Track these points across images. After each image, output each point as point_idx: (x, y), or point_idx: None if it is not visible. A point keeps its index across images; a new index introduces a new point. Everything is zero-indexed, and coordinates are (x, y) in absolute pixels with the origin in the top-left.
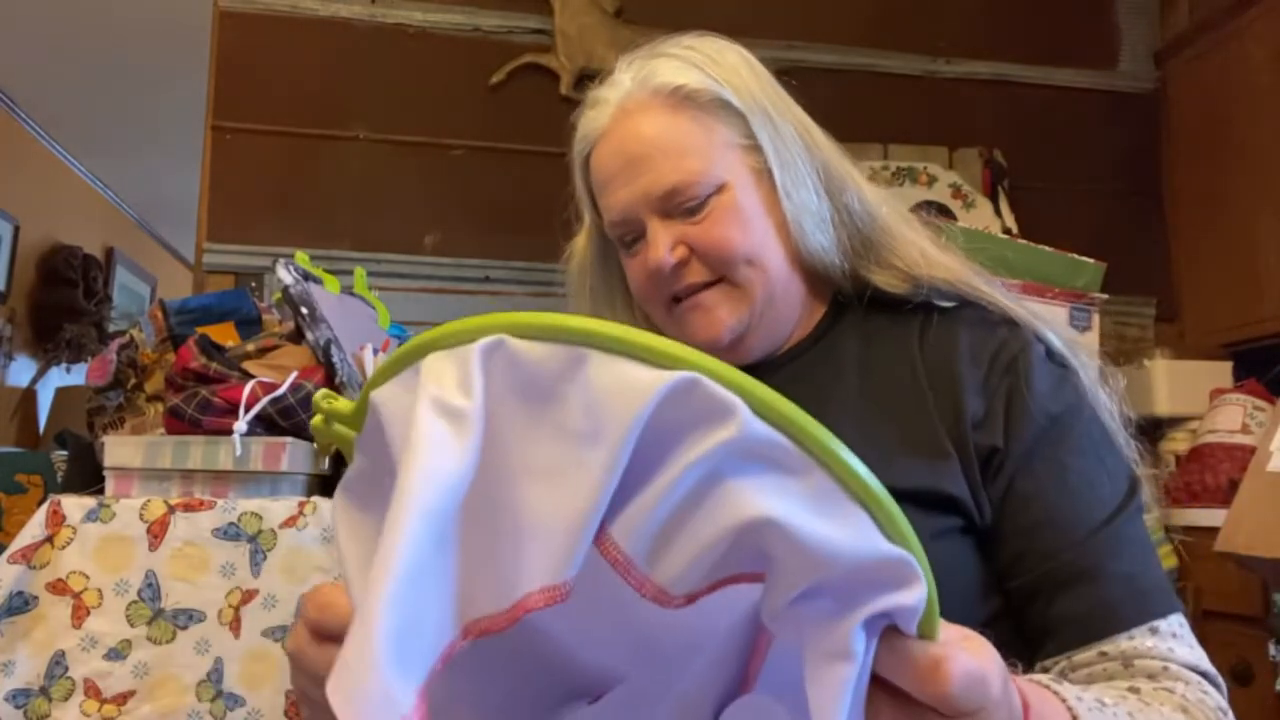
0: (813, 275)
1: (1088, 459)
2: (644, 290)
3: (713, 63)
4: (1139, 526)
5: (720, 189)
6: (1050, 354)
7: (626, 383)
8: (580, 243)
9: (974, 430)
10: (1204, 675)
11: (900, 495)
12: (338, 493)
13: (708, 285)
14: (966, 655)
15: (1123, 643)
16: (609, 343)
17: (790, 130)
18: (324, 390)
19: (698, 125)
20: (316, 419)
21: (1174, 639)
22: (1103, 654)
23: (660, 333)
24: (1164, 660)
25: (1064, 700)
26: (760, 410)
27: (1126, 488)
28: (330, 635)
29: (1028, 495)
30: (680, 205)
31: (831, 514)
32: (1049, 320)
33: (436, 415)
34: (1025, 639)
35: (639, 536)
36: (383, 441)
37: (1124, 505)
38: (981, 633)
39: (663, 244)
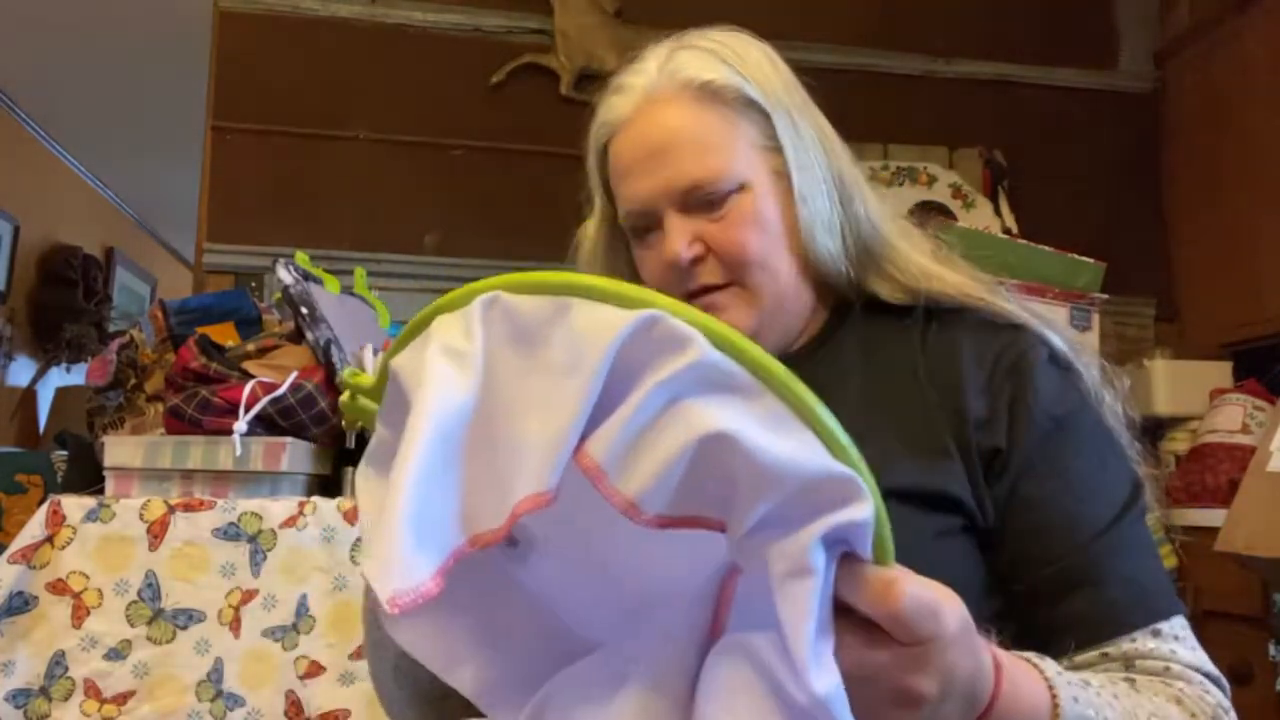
0: (818, 280)
1: (1091, 462)
2: (657, 283)
3: (740, 60)
4: (1142, 529)
5: (741, 188)
6: (1054, 357)
7: (600, 321)
8: (590, 229)
9: (977, 431)
10: (1206, 676)
11: (902, 495)
12: (362, 463)
13: (720, 288)
14: (920, 585)
15: (1125, 644)
16: (588, 291)
17: (810, 135)
18: (350, 368)
19: (724, 122)
20: (344, 396)
21: (1176, 641)
22: (1104, 655)
23: None
24: (1166, 661)
25: (1043, 673)
26: (716, 342)
27: (1130, 490)
28: None
29: (1031, 498)
30: (701, 200)
31: (783, 433)
32: (1053, 322)
33: (444, 357)
34: (1028, 640)
35: (611, 450)
36: (402, 406)
37: (1127, 508)
38: (985, 632)
39: (680, 238)
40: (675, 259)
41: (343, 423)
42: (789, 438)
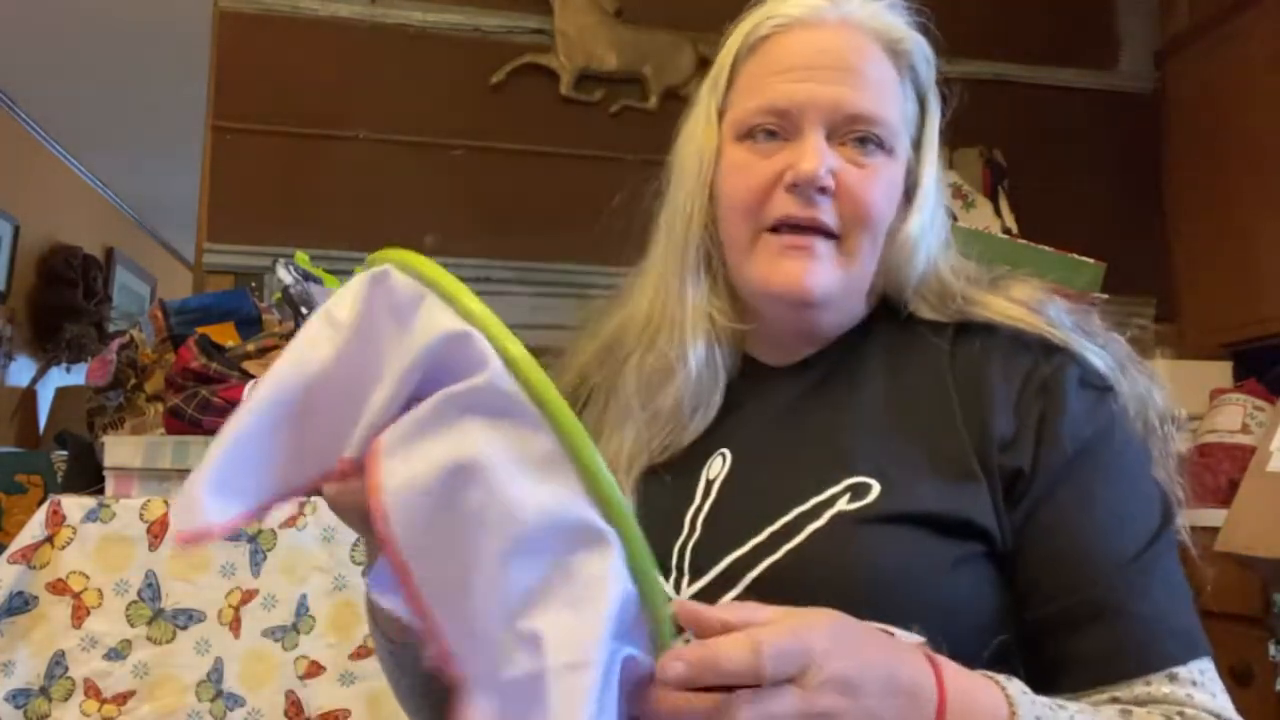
0: (880, 279)
1: (1117, 489)
2: (749, 196)
3: (922, 44)
4: (1168, 562)
5: (892, 154)
6: (1087, 378)
7: (432, 324)
8: (700, 126)
9: (1001, 452)
10: None
11: (922, 519)
12: None
13: (825, 235)
14: (737, 642)
15: (1138, 688)
16: (440, 290)
17: (935, 143)
18: None
19: (900, 86)
20: None
21: (1193, 686)
22: (1115, 699)
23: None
24: (1180, 705)
25: (1004, 690)
26: (513, 368)
27: (1159, 519)
28: None
29: (1051, 525)
30: (857, 136)
31: (543, 474)
32: (1111, 341)
33: (323, 322)
34: (1036, 674)
35: (397, 438)
36: None
37: (1154, 539)
38: (1000, 666)
39: (822, 157)
40: (812, 173)
41: None
42: (548, 480)
